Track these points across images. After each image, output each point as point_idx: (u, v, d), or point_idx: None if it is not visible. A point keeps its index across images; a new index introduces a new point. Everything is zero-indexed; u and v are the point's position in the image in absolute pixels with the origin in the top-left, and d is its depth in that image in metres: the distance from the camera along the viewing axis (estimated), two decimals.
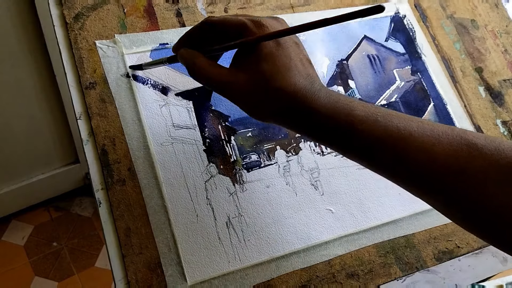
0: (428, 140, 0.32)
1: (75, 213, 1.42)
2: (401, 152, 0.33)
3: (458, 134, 0.32)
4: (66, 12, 0.50)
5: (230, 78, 0.36)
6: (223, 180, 0.48)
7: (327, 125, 0.34)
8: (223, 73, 0.37)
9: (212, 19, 0.38)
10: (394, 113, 0.35)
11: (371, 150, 0.34)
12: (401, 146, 0.33)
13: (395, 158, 0.33)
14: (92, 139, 0.46)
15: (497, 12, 0.67)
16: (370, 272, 0.48)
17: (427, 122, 0.34)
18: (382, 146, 0.33)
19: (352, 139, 0.34)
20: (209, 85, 0.38)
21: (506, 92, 0.62)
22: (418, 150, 0.32)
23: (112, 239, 0.43)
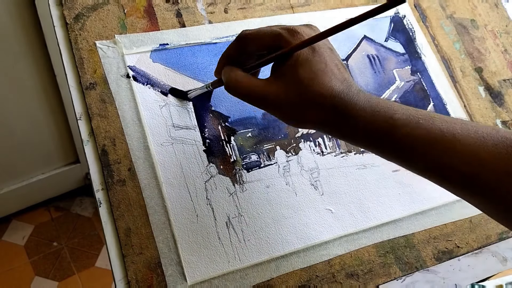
0: (473, 142, 0.32)
1: (75, 213, 1.43)
2: (446, 155, 0.32)
3: (503, 135, 0.32)
4: (67, 13, 0.50)
5: (268, 89, 0.37)
6: (223, 180, 0.48)
7: (367, 129, 0.34)
8: (261, 85, 0.37)
9: (247, 32, 0.39)
10: (436, 115, 0.34)
11: (414, 154, 0.34)
12: (445, 149, 0.32)
13: (440, 161, 0.33)
14: (92, 139, 0.46)
15: (497, 12, 0.67)
16: (370, 272, 0.48)
17: (470, 123, 0.34)
18: (425, 149, 0.33)
19: (393, 143, 0.34)
20: (248, 99, 0.38)
21: (506, 92, 0.62)
22: (463, 152, 0.32)
23: (112, 239, 0.43)
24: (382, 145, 0.35)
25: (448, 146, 0.32)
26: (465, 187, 0.33)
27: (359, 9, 0.61)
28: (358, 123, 0.34)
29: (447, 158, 0.32)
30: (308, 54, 0.36)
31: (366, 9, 0.61)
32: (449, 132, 0.33)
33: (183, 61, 0.51)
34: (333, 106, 0.35)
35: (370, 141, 0.35)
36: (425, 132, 0.33)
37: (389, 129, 0.34)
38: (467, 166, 0.32)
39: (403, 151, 0.34)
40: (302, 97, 0.35)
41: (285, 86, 0.36)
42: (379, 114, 0.34)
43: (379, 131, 0.34)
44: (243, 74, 0.38)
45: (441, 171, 0.33)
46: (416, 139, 0.33)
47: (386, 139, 0.34)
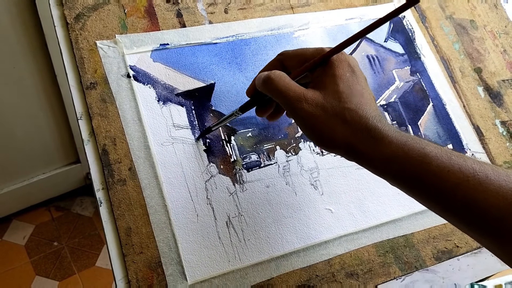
0: (505, 185, 0.32)
1: (76, 213, 1.43)
2: (478, 193, 0.32)
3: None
4: (67, 13, 0.50)
5: (307, 93, 0.36)
6: (223, 180, 0.48)
7: (399, 157, 0.34)
8: (302, 88, 0.37)
9: (289, 50, 0.40)
10: (465, 155, 0.34)
11: (445, 188, 0.33)
12: (477, 186, 0.32)
13: (470, 199, 0.32)
14: (93, 139, 0.46)
15: (496, 13, 0.67)
16: (370, 272, 0.48)
17: (500, 168, 0.34)
18: (458, 183, 0.32)
19: (425, 173, 0.33)
20: (285, 96, 0.37)
21: (505, 92, 0.62)
22: (495, 193, 0.31)
23: (113, 239, 0.43)
24: (412, 175, 0.34)
25: (480, 184, 0.32)
26: (496, 232, 0.32)
27: (359, 9, 0.61)
28: (391, 148, 0.34)
29: (480, 195, 0.32)
30: (347, 72, 0.37)
31: (366, 9, 0.61)
32: (481, 172, 0.32)
33: (183, 60, 0.51)
34: (367, 128, 0.34)
35: (399, 169, 0.34)
36: (458, 167, 0.33)
37: (421, 159, 0.33)
38: (498, 208, 0.31)
39: (433, 183, 0.33)
40: (338, 110, 0.35)
41: (323, 95, 0.36)
42: (410, 143, 0.34)
43: (411, 160, 0.33)
44: (285, 74, 0.38)
45: (469, 210, 0.32)
46: (448, 173, 0.32)
47: (417, 169, 0.33)
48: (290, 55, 0.40)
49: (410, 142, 0.34)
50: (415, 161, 0.33)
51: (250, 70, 0.53)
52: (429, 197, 0.34)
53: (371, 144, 0.34)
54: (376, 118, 0.35)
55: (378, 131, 0.34)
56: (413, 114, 0.57)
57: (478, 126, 0.59)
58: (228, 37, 0.54)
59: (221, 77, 0.52)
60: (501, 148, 0.58)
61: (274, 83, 0.37)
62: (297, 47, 0.55)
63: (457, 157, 0.33)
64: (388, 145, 0.34)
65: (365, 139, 0.34)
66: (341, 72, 0.37)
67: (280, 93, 0.37)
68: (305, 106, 0.36)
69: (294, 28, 0.57)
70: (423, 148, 0.34)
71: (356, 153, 0.35)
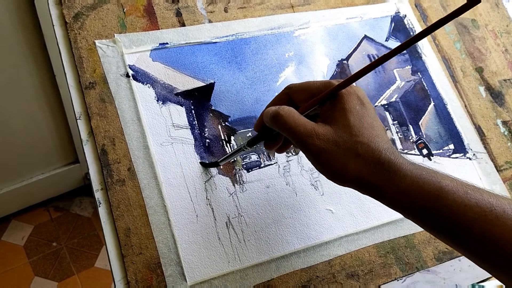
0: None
1: (74, 213, 1.42)
2: (495, 228, 0.31)
3: None
4: (66, 12, 0.49)
5: (317, 128, 0.36)
6: (223, 180, 0.48)
7: (414, 191, 0.33)
8: (312, 124, 0.36)
9: (295, 84, 0.40)
10: (481, 188, 0.34)
11: (461, 222, 0.32)
12: (495, 221, 0.31)
13: (487, 234, 0.32)
14: (91, 139, 0.46)
15: (497, 12, 0.67)
16: (370, 272, 0.48)
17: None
18: (475, 218, 0.32)
19: (440, 208, 0.33)
20: (295, 132, 0.36)
21: (507, 92, 0.62)
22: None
23: (112, 239, 0.43)
24: (427, 209, 0.33)
25: (498, 219, 0.31)
26: (505, 265, 0.32)
27: (360, 8, 0.61)
28: (404, 182, 0.33)
29: (498, 229, 0.31)
30: (357, 105, 0.36)
31: (366, 8, 0.61)
32: (498, 206, 0.32)
33: (183, 60, 0.51)
34: (380, 161, 0.34)
35: (414, 203, 0.33)
36: (475, 202, 0.32)
37: (437, 193, 0.33)
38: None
39: (450, 219, 0.33)
40: (350, 144, 0.35)
41: (334, 130, 0.36)
42: (425, 176, 0.33)
43: (427, 194, 0.33)
44: (294, 110, 0.37)
45: (486, 245, 0.32)
46: (465, 206, 0.32)
47: (433, 204, 0.33)
48: (297, 89, 0.40)
49: (425, 175, 0.33)
50: (431, 196, 0.33)
51: (250, 70, 0.53)
52: (444, 231, 0.34)
53: (385, 178, 0.34)
54: (389, 150, 0.35)
55: (391, 163, 0.34)
56: (414, 113, 0.57)
57: (480, 126, 0.59)
58: (228, 36, 0.54)
59: (220, 76, 0.52)
60: (502, 148, 0.58)
61: (283, 119, 0.36)
62: (297, 46, 0.55)
63: (473, 191, 0.33)
64: (403, 178, 0.33)
65: (379, 172, 0.34)
66: (351, 105, 0.36)
67: (290, 129, 0.36)
68: (317, 142, 0.35)
69: (295, 27, 0.57)
70: (439, 182, 0.33)
71: (369, 186, 0.35)
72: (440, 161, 0.55)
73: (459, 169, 0.55)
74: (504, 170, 0.57)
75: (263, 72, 0.53)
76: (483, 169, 0.56)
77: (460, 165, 0.56)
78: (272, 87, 0.53)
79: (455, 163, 0.56)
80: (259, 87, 0.53)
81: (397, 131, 0.55)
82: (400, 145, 0.55)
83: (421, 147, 0.55)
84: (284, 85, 0.53)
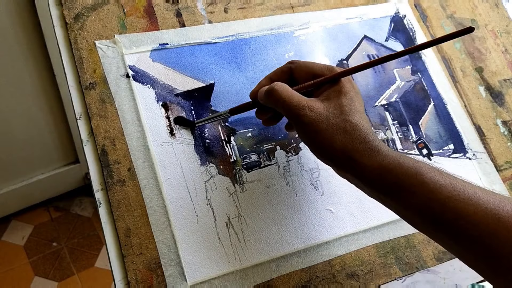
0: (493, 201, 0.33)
1: (75, 213, 1.42)
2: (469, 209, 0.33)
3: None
4: (66, 12, 0.50)
5: (310, 102, 0.38)
6: (223, 180, 0.48)
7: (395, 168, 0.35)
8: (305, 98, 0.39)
9: (297, 60, 0.43)
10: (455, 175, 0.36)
11: (436, 201, 0.34)
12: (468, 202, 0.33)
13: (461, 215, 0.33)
14: (92, 139, 0.46)
15: (497, 12, 0.67)
16: (370, 272, 0.48)
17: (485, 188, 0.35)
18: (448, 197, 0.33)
19: (418, 186, 0.34)
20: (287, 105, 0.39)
21: (507, 92, 0.62)
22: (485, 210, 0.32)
23: (112, 240, 0.43)
24: (406, 186, 0.35)
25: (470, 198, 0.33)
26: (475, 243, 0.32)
27: (359, 8, 0.61)
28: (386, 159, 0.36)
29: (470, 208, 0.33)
30: (351, 91, 0.39)
31: (366, 8, 0.61)
32: (471, 189, 0.34)
33: (183, 60, 0.51)
34: (365, 140, 0.37)
35: (393, 180, 0.35)
36: (449, 182, 0.34)
37: (414, 171, 0.35)
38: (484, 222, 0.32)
39: (426, 195, 0.34)
40: (339, 121, 0.37)
41: (326, 106, 0.38)
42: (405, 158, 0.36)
43: (405, 170, 0.35)
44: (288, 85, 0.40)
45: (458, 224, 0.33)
46: (440, 186, 0.34)
47: (411, 180, 0.35)
48: (300, 66, 0.42)
49: (404, 157, 0.36)
50: (410, 172, 0.35)
51: (250, 70, 0.53)
52: (419, 209, 0.35)
53: (369, 154, 0.36)
54: (373, 134, 0.37)
55: (375, 143, 0.37)
56: (414, 113, 0.57)
57: (480, 126, 0.59)
58: (228, 37, 0.54)
59: (220, 77, 0.52)
60: (502, 148, 0.58)
61: (277, 93, 0.39)
62: (297, 47, 0.56)
63: (448, 175, 0.35)
64: (385, 156, 0.36)
65: (363, 149, 0.36)
66: (347, 89, 0.39)
67: (284, 102, 0.39)
68: (308, 113, 0.38)
69: (294, 27, 0.57)
70: (417, 162, 0.36)
71: (352, 162, 0.37)
72: (440, 161, 0.55)
73: (459, 169, 0.55)
74: (504, 170, 0.57)
75: (263, 72, 0.53)
76: (483, 169, 0.56)
77: (460, 165, 0.56)
78: None
79: (455, 163, 0.56)
80: None
81: (397, 131, 0.55)
82: (400, 145, 0.55)
83: (421, 147, 0.55)
84: None
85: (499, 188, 0.56)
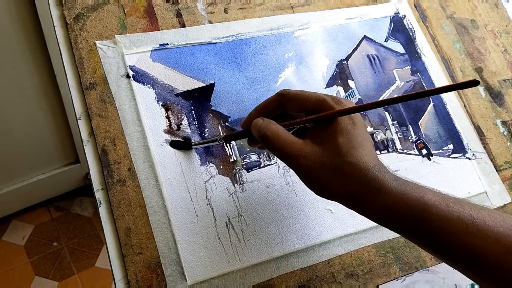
0: (502, 231, 0.33)
1: (75, 213, 1.43)
2: (477, 239, 0.32)
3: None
4: (67, 13, 0.50)
5: (305, 148, 0.36)
6: (223, 180, 0.48)
7: (398, 206, 0.34)
8: (298, 142, 0.37)
9: (289, 90, 0.39)
10: (463, 200, 0.35)
11: (444, 235, 0.33)
12: (476, 233, 0.33)
13: (469, 246, 0.33)
14: (92, 139, 0.46)
15: (497, 12, 0.67)
16: (370, 272, 0.48)
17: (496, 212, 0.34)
18: (457, 231, 0.33)
19: (424, 222, 0.34)
20: (282, 153, 0.37)
21: (506, 92, 0.62)
22: (495, 241, 0.32)
23: (112, 239, 0.43)
24: (412, 224, 0.34)
25: (479, 231, 0.33)
26: (488, 275, 0.33)
27: (359, 9, 0.61)
28: (390, 198, 0.34)
29: (479, 242, 0.32)
30: (348, 125, 0.36)
31: (366, 9, 0.61)
32: (479, 218, 0.33)
33: (183, 60, 0.51)
34: (366, 180, 0.35)
35: (399, 219, 0.35)
36: (457, 215, 0.33)
37: (420, 208, 0.34)
38: (498, 255, 0.32)
39: (433, 233, 0.34)
40: (337, 164, 0.35)
41: (322, 150, 0.36)
42: (409, 192, 0.34)
43: (411, 208, 0.34)
44: (282, 128, 0.38)
45: (468, 258, 0.33)
46: (448, 220, 0.33)
47: (417, 219, 0.34)
48: (291, 98, 0.39)
49: (409, 190, 0.34)
50: (414, 211, 0.34)
51: (250, 70, 0.53)
52: (429, 245, 0.35)
53: (371, 195, 0.35)
54: (375, 167, 0.35)
55: (377, 181, 0.34)
56: (414, 114, 0.57)
57: (479, 126, 0.59)
58: (228, 37, 0.54)
59: (220, 77, 0.52)
60: (502, 148, 0.58)
61: (270, 140, 0.37)
62: (297, 47, 0.56)
63: (455, 204, 0.34)
64: (388, 195, 0.34)
65: (365, 191, 0.35)
66: (342, 126, 0.36)
67: (277, 150, 0.37)
68: (303, 162, 0.36)
69: (294, 27, 0.57)
70: (422, 197, 0.34)
71: (356, 204, 0.36)
72: (439, 161, 0.55)
73: (458, 169, 0.55)
74: (504, 170, 0.57)
75: (263, 72, 0.53)
76: (482, 169, 0.56)
77: (459, 165, 0.56)
78: (272, 88, 0.53)
79: (455, 163, 0.56)
80: (259, 87, 0.53)
81: (396, 131, 0.56)
82: (399, 145, 0.55)
83: (421, 147, 0.56)
84: (284, 85, 0.54)
85: (499, 188, 0.56)
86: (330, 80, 0.56)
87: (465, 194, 0.54)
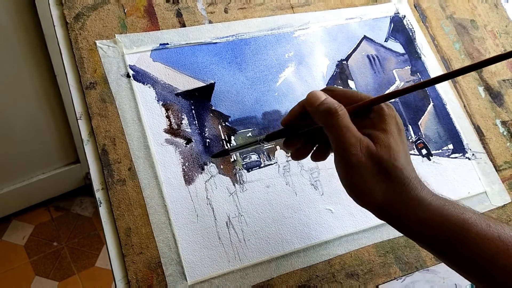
0: None
1: (75, 213, 1.43)
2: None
3: None
4: (67, 12, 0.50)
5: (364, 141, 0.34)
6: (223, 180, 0.48)
7: (436, 221, 0.33)
8: (360, 134, 0.35)
9: (337, 87, 0.39)
10: (502, 223, 0.34)
11: (484, 254, 0.32)
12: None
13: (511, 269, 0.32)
14: (92, 139, 0.46)
15: (496, 12, 0.67)
16: (370, 272, 0.48)
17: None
18: (498, 251, 0.32)
19: (463, 242, 0.33)
20: (341, 137, 0.34)
21: (506, 92, 0.62)
22: None
23: (113, 239, 0.43)
24: (449, 241, 0.33)
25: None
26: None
27: (359, 9, 0.61)
28: (427, 212, 0.33)
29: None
30: (396, 129, 0.36)
31: (366, 9, 0.61)
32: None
33: (183, 60, 0.51)
34: (408, 189, 0.34)
35: (436, 234, 0.33)
36: (497, 235, 0.32)
37: (460, 225, 0.33)
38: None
39: (472, 251, 0.33)
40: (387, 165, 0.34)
41: (377, 147, 0.35)
42: (449, 208, 0.34)
43: (449, 225, 0.33)
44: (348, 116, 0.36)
45: (508, 278, 0.32)
46: (488, 240, 0.32)
47: (456, 236, 0.33)
48: (338, 93, 0.38)
49: (448, 207, 0.34)
50: (454, 228, 0.33)
51: (250, 70, 0.53)
52: (465, 264, 0.34)
53: (409, 207, 0.34)
54: (416, 179, 0.34)
55: (417, 192, 0.34)
56: (414, 114, 0.57)
57: (479, 126, 0.59)
58: (228, 37, 0.54)
59: (221, 77, 0.52)
60: (501, 148, 0.58)
61: (339, 119, 0.34)
62: (297, 47, 0.56)
63: (495, 224, 0.33)
64: (427, 209, 0.33)
65: (404, 200, 0.34)
66: (392, 128, 0.35)
67: (341, 131, 0.34)
68: (359, 153, 0.34)
69: (294, 27, 0.57)
70: (462, 214, 0.33)
71: (392, 212, 0.34)
72: (439, 161, 0.55)
73: (458, 169, 0.55)
74: (503, 170, 0.57)
75: (263, 72, 0.54)
76: (482, 169, 0.56)
77: (459, 165, 0.56)
78: (272, 88, 0.53)
79: (454, 163, 0.56)
80: (259, 87, 0.53)
81: None
82: None
83: (420, 147, 0.56)
84: (284, 85, 0.54)
85: (498, 188, 0.56)
86: (330, 80, 0.56)
87: (465, 194, 0.54)
